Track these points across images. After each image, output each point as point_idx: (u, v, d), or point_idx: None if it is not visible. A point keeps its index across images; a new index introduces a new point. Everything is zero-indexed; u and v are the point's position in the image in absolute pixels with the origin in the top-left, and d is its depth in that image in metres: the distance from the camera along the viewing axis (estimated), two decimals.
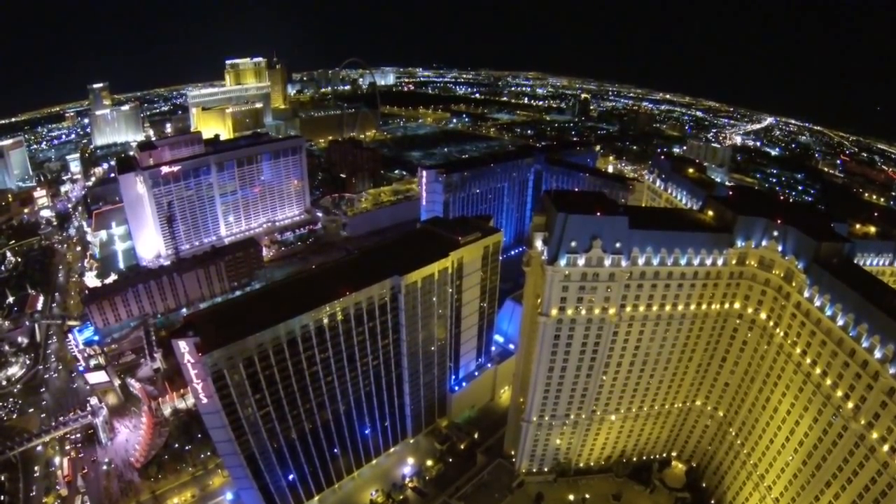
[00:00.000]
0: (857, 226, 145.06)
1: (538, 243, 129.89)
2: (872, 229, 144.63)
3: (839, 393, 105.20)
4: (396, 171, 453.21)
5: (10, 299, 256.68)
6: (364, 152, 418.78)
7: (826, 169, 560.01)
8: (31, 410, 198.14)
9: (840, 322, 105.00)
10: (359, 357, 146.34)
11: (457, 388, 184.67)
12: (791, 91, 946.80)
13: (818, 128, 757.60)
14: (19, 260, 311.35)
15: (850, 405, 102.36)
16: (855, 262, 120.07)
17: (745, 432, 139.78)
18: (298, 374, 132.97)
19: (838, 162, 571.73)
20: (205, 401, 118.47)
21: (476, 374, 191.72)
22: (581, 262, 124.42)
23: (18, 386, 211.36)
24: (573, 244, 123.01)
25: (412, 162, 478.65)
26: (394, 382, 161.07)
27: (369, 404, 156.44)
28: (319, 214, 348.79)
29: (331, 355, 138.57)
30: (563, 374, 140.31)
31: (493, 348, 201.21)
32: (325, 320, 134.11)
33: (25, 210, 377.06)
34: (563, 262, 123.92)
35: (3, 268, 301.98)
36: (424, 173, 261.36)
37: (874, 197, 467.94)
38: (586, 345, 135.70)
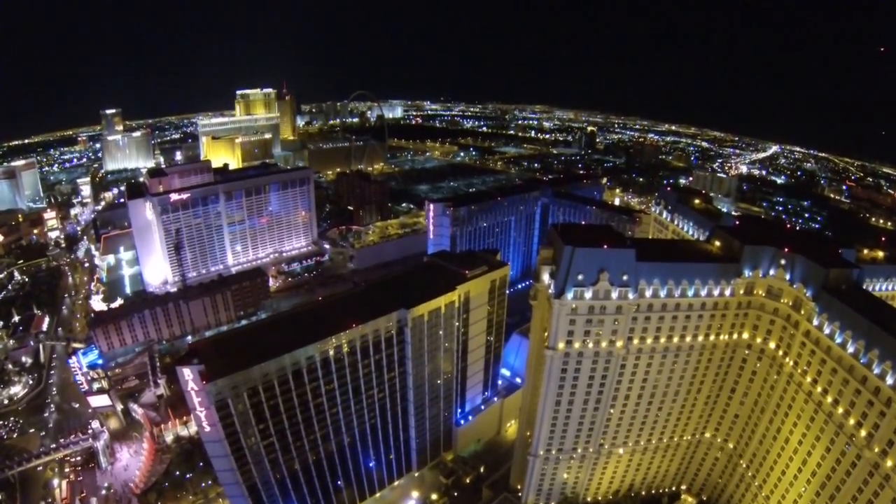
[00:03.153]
0: (865, 251, 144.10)
1: (545, 277, 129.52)
2: (880, 254, 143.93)
3: (851, 421, 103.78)
4: (404, 205, 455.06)
5: (16, 318, 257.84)
6: (372, 185, 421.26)
7: (832, 195, 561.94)
8: (31, 431, 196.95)
9: (850, 349, 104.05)
10: (364, 389, 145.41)
11: (463, 421, 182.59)
12: (795, 118, 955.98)
13: (823, 154, 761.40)
14: (27, 280, 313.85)
15: (863, 433, 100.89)
16: (864, 287, 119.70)
17: (757, 464, 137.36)
18: (303, 405, 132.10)
19: (844, 188, 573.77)
20: (208, 429, 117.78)
21: (482, 407, 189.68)
22: (588, 295, 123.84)
23: (21, 406, 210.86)
24: (580, 277, 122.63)
25: (420, 195, 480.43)
26: (399, 415, 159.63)
27: (374, 437, 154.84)
28: (326, 246, 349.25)
29: (336, 387, 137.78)
30: (570, 408, 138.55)
31: (500, 382, 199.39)
32: (331, 352, 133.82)
33: (35, 231, 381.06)
34: (570, 295, 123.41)
35: (10, 287, 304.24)
36: (432, 207, 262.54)
37: (881, 221, 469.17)
38: (594, 378, 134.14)
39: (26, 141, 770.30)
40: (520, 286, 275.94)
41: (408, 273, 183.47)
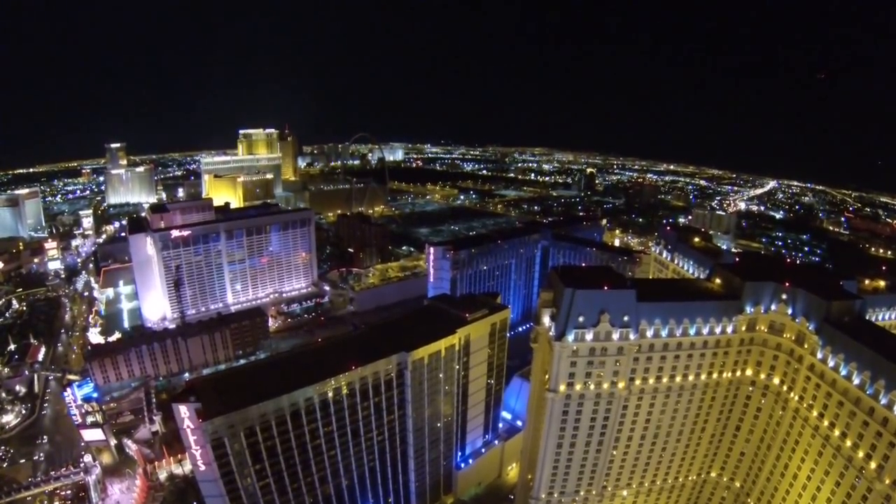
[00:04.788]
0: (867, 281, 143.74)
1: (546, 319, 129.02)
2: (882, 283, 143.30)
3: (860, 454, 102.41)
4: (404, 248, 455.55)
5: (12, 347, 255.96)
6: (372, 227, 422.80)
7: (831, 227, 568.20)
8: (22, 461, 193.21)
9: (856, 381, 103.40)
10: (363, 432, 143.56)
11: (463, 464, 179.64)
12: (791, 153, 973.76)
13: (820, 187, 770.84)
14: (24, 308, 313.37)
15: (873, 465, 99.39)
16: (867, 318, 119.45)
17: (765, 502, 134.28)
18: (301, 446, 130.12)
19: (843, 219, 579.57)
20: (203, 468, 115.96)
21: (483, 450, 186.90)
22: (589, 336, 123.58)
23: (12, 435, 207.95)
24: (581, 319, 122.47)
25: (420, 238, 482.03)
26: (399, 458, 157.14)
27: (373, 480, 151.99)
28: (326, 288, 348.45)
29: (335, 429, 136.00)
30: (572, 450, 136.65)
31: (501, 425, 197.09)
32: (330, 394, 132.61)
33: (35, 260, 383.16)
34: (570, 337, 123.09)
35: (7, 315, 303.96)
36: (432, 250, 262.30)
37: (881, 251, 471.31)
38: (595, 420, 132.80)
39: (31, 170, 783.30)
40: (520, 329, 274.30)
41: (408, 316, 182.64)
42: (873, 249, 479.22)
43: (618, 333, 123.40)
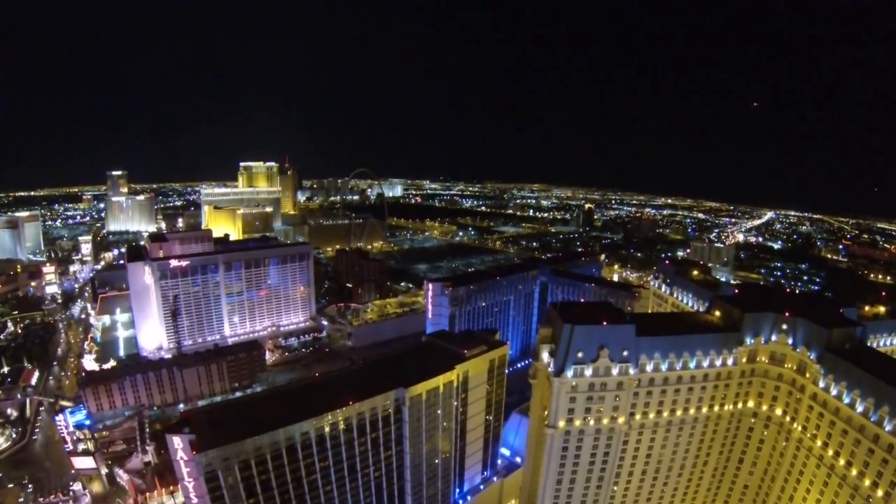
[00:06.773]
0: (867, 307, 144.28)
1: (544, 355, 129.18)
2: (882, 309, 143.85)
3: (867, 481, 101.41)
4: (402, 284, 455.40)
5: (5, 369, 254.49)
6: (371, 263, 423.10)
7: (829, 255, 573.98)
8: (11, 486, 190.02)
9: (860, 408, 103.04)
10: (360, 468, 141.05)
11: (461, 501, 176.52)
12: (788, 183, 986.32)
13: (817, 216, 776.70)
14: (19, 331, 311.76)
15: (880, 493, 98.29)
16: (868, 344, 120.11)
17: None
18: (296, 481, 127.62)
19: (841, 247, 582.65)
20: (195, 501, 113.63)
21: (481, 487, 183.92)
22: (588, 372, 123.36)
23: (1, 458, 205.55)
24: (580, 355, 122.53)
25: (418, 274, 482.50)
26: (396, 495, 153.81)
27: None
28: (324, 323, 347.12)
29: (331, 464, 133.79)
30: (571, 486, 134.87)
31: (499, 461, 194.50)
32: (327, 429, 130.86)
33: (32, 283, 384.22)
34: (569, 373, 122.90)
35: (2, 337, 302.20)
36: (430, 286, 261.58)
37: (880, 276, 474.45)
38: (595, 455, 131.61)
39: (32, 193, 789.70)
40: (519, 365, 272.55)
41: (406, 352, 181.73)
42: (872, 275, 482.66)
43: (617, 368, 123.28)
